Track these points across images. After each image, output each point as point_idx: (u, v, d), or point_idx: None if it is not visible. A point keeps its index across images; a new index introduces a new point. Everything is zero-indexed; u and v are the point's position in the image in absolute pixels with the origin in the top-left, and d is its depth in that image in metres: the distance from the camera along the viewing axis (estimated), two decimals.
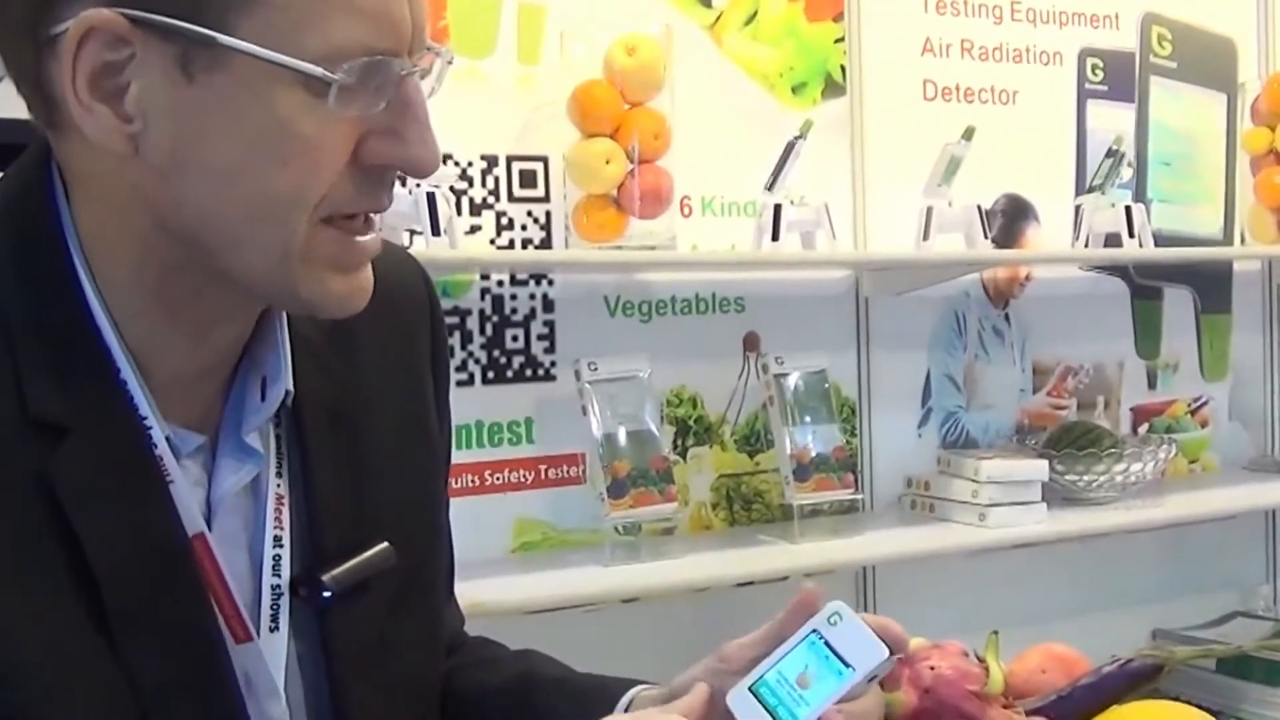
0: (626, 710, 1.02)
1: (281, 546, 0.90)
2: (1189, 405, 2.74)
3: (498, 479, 2.05)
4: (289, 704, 0.90)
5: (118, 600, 0.79)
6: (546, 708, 1.05)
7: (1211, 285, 2.76)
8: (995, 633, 1.18)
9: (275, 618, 0.89)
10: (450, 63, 0.87)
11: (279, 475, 0.91)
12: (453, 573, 1.10)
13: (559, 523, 2.09)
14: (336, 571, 0.91)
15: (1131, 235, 2.32)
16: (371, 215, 0.85)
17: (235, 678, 0.85)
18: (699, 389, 2.21)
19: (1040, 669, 1.28)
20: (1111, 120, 2.57)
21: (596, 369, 1.99)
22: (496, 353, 2.05)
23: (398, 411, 1.00)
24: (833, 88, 2.32)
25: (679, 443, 2.18)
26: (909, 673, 1.11)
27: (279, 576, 0.89)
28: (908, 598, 2.33)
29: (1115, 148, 2.39)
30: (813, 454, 2.12)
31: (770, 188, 2.09)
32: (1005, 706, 1.13)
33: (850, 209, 2.31)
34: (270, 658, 0.88)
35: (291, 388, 0.89)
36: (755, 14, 2.24)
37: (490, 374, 2.04)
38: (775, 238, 2.06)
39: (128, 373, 0.82)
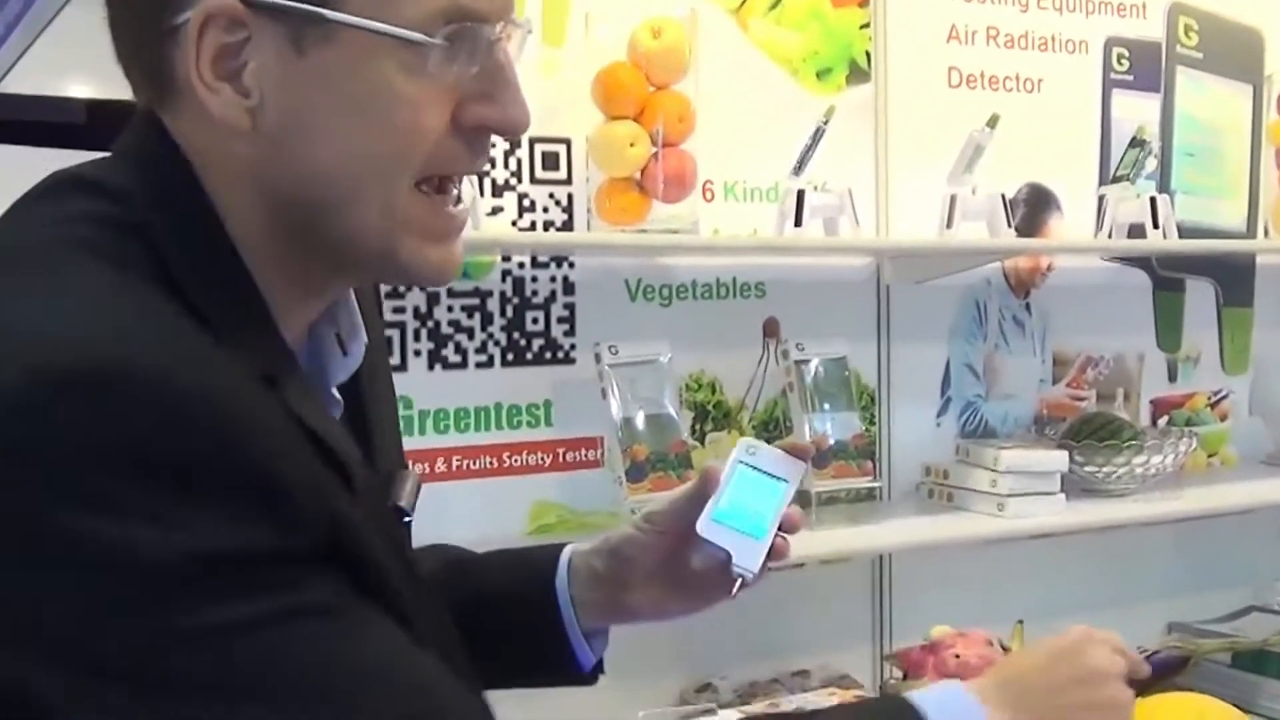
0: (570, 566, 1.20)
1: None
2: (1209, 398, 2.73)
3: (516, 461, 2.05)
4: None
5: (364, 517, 0.87)
6: (486, 580, 1.19)
7: (1234, 278, 2.75)
8: (1020, 622, 1.18)
9: None
10: (530, 33, 0.96)
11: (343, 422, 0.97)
12: None
13: (576, 506, 2.08)
14: (405, 496, 0.98)
15: (1156, 226, 2.31)
16: (460, 192, 0.92)
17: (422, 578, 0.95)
18: (718, 374, 2.20)
19: None
20: (1136, 110, 2.55)
21: (617, 352, 1.99)
22: (516, 335, 2.04)
23: (382, 356, 1.09)
24: (857, 74, 2.31)
25: (698, 427, 2.18)
26: (934, 660, 1.11)
27: None
28: (924, 586, 2.33)
29: (1139, 137, 2.38)
30: (831, 441, 2.12)
31: (798, 172, 2.07)
32: None
33: (873, 195, 2.30)
34: None
35: (367, 340, 0.97)
36: None
37: (510, 356, 2.04)
38: (798, 223, 2.05)
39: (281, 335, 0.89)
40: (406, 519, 0.98)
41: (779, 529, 1.13)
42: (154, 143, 0.88)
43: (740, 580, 1.11)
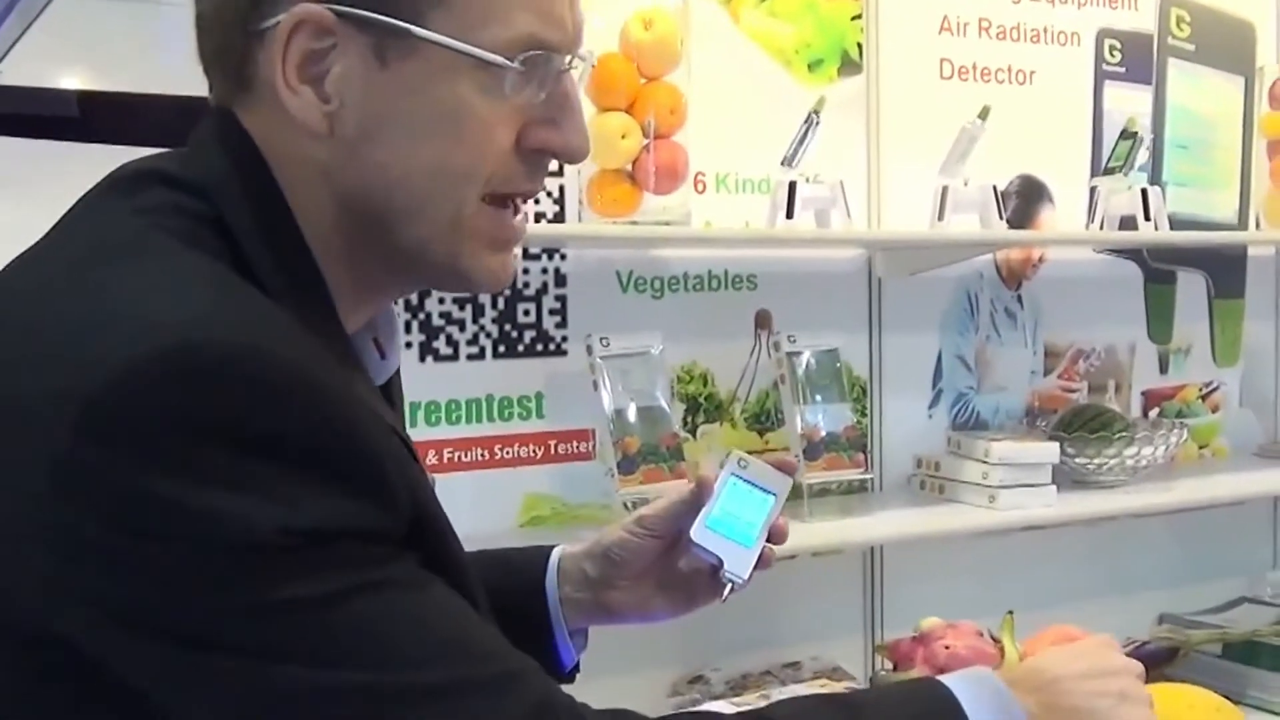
0: (559, 567, 1.23)
1: None
2: (1200, 390, 2.73)
3: (507, 453, 2.05)
4: None
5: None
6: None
7: (1225, 270, 2.75)
8: (1010, 613, 1.18)
9: None
10: (593, 66, 1.01)
11: None
12: None
13: (568, 498, 2.08)
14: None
15: (1148, 218, 2.31)
16: (521, 203, 0.96)
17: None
18: (710, 366, 2.20)
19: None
20: (1128, 102, 2.55)
21: (608, 344, 1.99)
22: (508, 327, 2.04)
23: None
24: (849, 65, 2.31)
25: (689, 420, 2.18)
26: (924, 652, 1.11)
27: None
28: (916, 578, 2.33)
29: (1129, 129, 2.38)
30: (823, 433, 2.12)
31: (792, 163, 2.07)
32: None
33: (865, 187, 2.30)
34: None
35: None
36: None
37: (501, 348, 2.04)
38: (790, 215, 2.05)
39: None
40: None
41: (767, 539, 1.19)
42: (232, 139, 0.91)
43: (730, 586, 1.17)
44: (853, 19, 2.31)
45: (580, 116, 0.95)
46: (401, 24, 0.87)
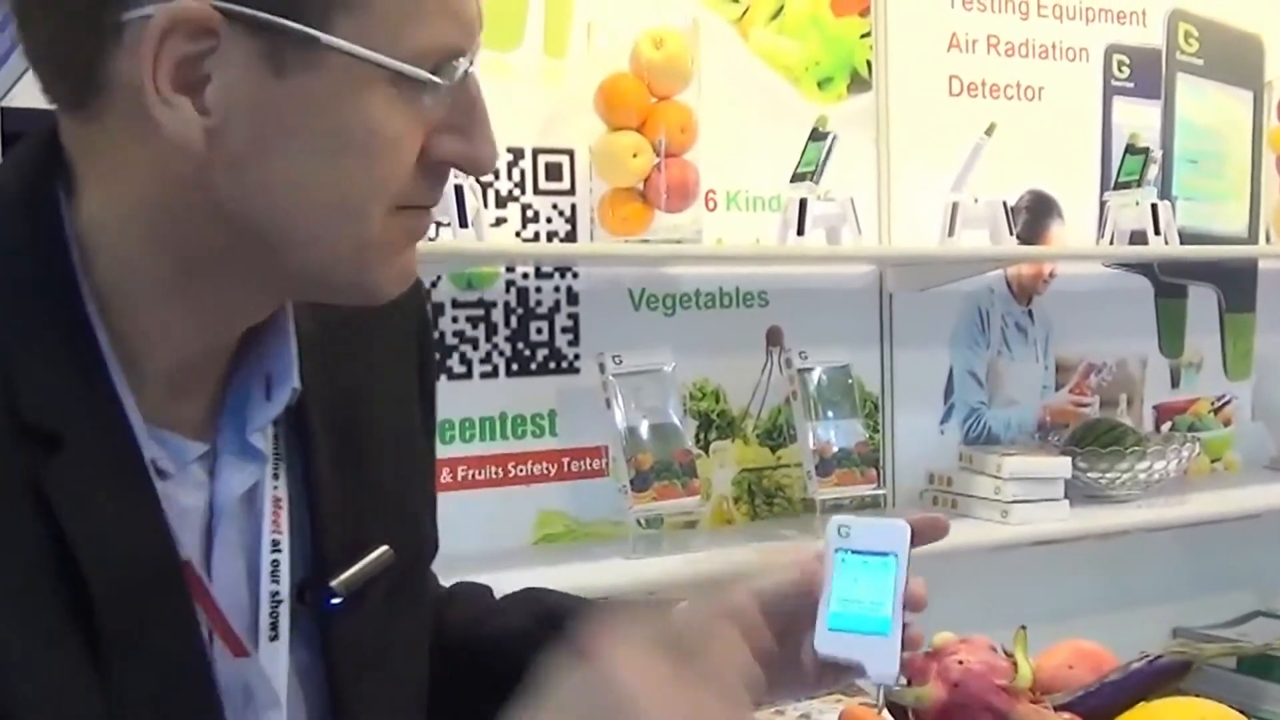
0: None
1: (280, 552, 0.86)
2: (1212, 404, 2.73)
3: (520, 471, 2.05)
4: (289, 713, 0.87)
5: (110, 620, 0.75)
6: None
7: (1236, 284, 2.76)
8: (1024, 628, 1.18)
9: (274, 626, 0.86)
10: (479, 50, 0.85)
11: (275, 478, 0.87)
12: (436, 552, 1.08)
13: (581, 515, 2.09)
14: (344, 577, 0.89)
15: (1158, 233, 2.32)
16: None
17: (221, 704, 0.82)
18: (722, 383, 2.21)
19: (1067, 664, 1.29)
20: (1137, 117, 2.56)
21: (621, 362, 2.00)
22: (521, 345, 2.05)
23: (392, 410, 0.97)
24: (858, 82, 2.32)
25: (701, 436, 2.18)
26: (937, 667, 1.12)
27: (277, 583, 0.86)
28: (929, 593, 2.33)
29: (1134, 144, 2.39)
30: (835, 449, 2.12)
31: (816, 180, 2.08)
32: (1033, 701, 1.13)
33: (875, 204, 2.31)
34: (269, 667, 0.85)
35: (299, 385, 0.86)
36: (782, 8, 2.24)
37: (514, 366, 2.05)
38: (800, 232, 2.06)
39: (120, 383, 0.79)
40: (333, 600, 0.88)
41: (904, 610, 0.97)
42: (26, 157, 0.81)
43: (880, 690, 0.98)
44: (862, 37, 2.32)
45: (488, 124, 0.82)
46: (308, 30, 0.74)
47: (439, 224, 1.83)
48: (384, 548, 0.91)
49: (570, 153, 2.06)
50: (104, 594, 0.75)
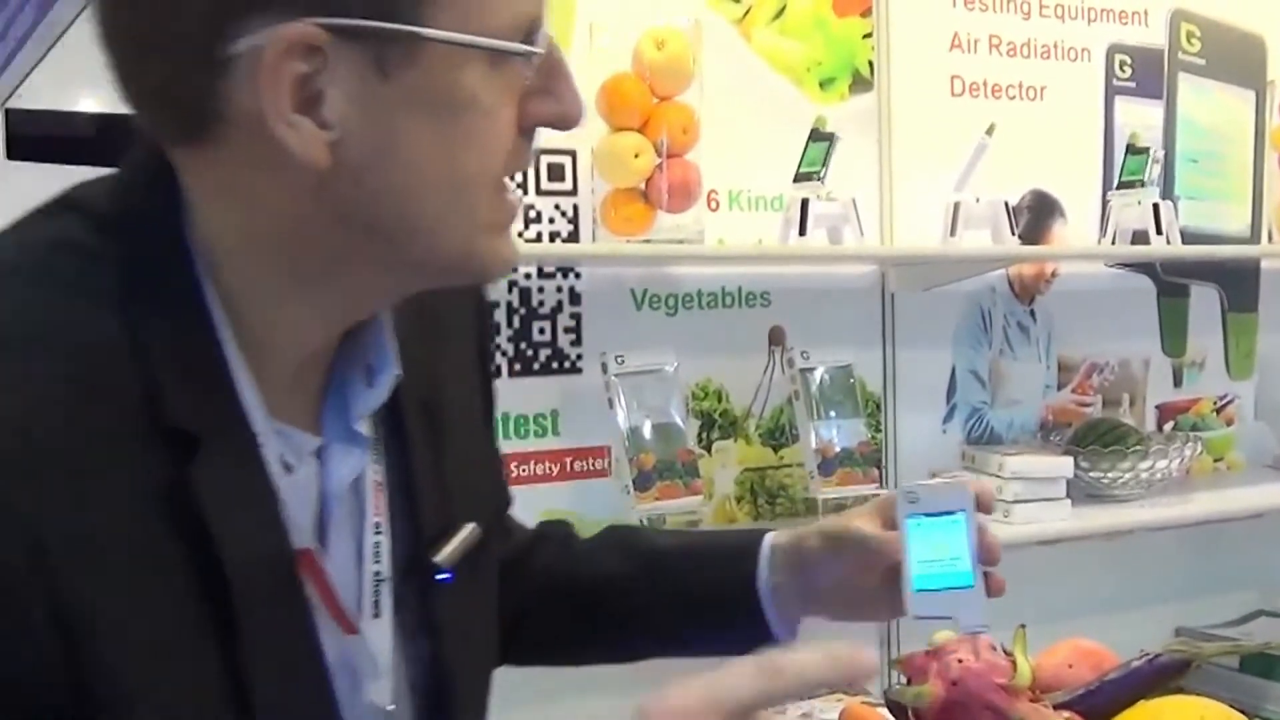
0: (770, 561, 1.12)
1: (381, 533, 0.91)
2: (1214, 403, 2.74)
3: (524, 471, 2.06)
4: (394, 685, 0.92)
5: (243, 610, 0.79)
6: (686, 581, 1.13)
7: (1238, 283, 2.76)
8: (1023, 626, 1.18)
9: (377, 604, 0.91)
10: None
11: (375, 463, 0.92)
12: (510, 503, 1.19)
13: (584, 515, 2.09)
14: (446, 552, 0.94)
15: (1160, 232, 2.32)
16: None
17: (332, 680, 0.87)
18: (724, 382, 2.21)
19: (1067, 663, 1.29)
20: (1139, 117, 2.57)
21: (623, 362, 2.00)
22: (523, 345, 2.06)
23: (465, 396, 1.03)
24: (860, 83, 2.32)
25: (704, 436, 2.19)
26: (937, 665, 1.11)
27: (379, 563, 0.91)
28: None
29: (1134, 144, 2.39)
30: (837, 448, 2.13)
31: (822, 180, 2.08)
32: (1033, 700, 1.13)
33: (877, 204, 2.31)
34: (375, 643, 0.90)
35: (399, 371, 0.90)
36: (784, 9, 2.24)
37: (517, 366, 2.05)
38: (802, 232, 2.06)
39: (246, 384, 0.83)
40: (440, 575, 0.94)
41: (984, 563, 1.06)
42: (144, 178, 0.84)
43: (976, 634, 1.03)
44: (863, 37, 2.32)
45: (573, 80, 0.85)
46: (404, 28, 0.76)
47: None
48: (471, 525, 0.97)
49: (572, 153, 2.07)
50: (240, 586, 0.79)
